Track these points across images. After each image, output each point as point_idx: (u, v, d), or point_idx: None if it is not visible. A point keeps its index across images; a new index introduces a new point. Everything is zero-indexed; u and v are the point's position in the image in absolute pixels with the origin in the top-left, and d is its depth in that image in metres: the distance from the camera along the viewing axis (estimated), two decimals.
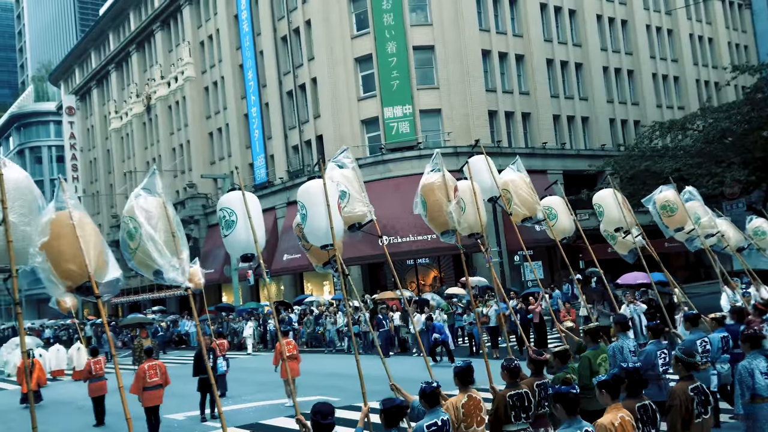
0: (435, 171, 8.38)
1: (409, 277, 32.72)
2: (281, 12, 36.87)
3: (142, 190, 6.71)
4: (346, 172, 8.17)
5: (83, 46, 61.40)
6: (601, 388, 4.84)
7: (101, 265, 5.92)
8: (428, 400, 5.08)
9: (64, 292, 5.85)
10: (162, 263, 6.41)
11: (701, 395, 5.60)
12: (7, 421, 15.23)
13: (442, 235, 8.53)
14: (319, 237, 7.61)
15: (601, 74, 38.13)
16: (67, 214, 5.80)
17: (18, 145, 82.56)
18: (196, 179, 43.24)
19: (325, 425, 4.61)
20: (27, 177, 5.69)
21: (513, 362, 5.95)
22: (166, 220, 6.60)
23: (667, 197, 11.49)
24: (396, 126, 31.74)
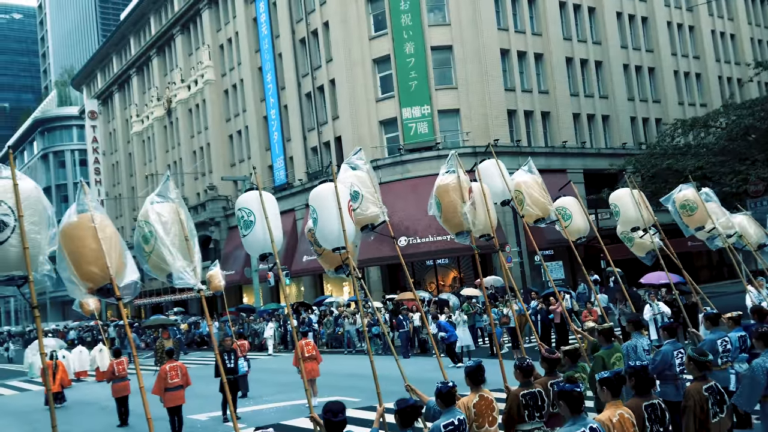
0: (450, 172, 8.39)
1: (429, 277, 32.68)
2: (299, 14, 37.04)
3: (156, 196, 6.84)
4: (360, 174, 8.22)
5: (105, 50, 62.21)
6: (602, 385, 4.84)
7: (120, 267, 6.03)
8: (444, 400, 5.10)
9: (85, 293, 5.95)
10: (175, 267, 6.52)
11: (716, 395, 5.54)
12: (32, 422, 15.48)
13: (456, 236, 8.56)
14: (330, 240, 7.65)
15: (621, 72, 37.76)
16: (88, 216, 5.92)
17: (42, 150, 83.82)
18: (216, 181, 43.58)
19: (337, 423, 4.69)
20: (36, 188, 5.83)
21: (526, 361, 5.95)
22: (179, 225, 6.72)
23: (687, 196, 11.36)
24: (414, 126, 31.72)
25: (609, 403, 4.78)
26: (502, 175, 9.62)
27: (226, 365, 12.90)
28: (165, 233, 6.55)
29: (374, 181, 8.35)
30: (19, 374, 27.19)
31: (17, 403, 19.31)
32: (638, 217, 11.17)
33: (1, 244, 5.37)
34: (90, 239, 5.83)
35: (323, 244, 7.90)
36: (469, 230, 8.35)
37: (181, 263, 6.57)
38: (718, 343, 7.59)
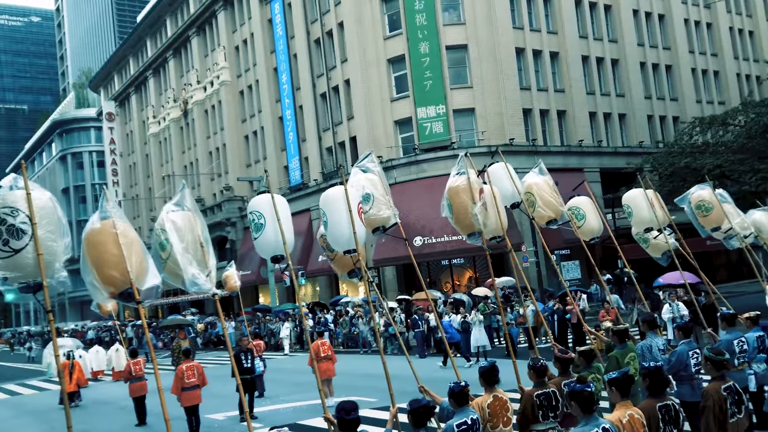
0: (461, 174, 8.42)
1: (444, 277, 32.62)
2: (314, 15, 37.13)
3: (173, 205, 7.03)
4: (371, 176, 8.29)
5: (122, 53, 62.79)
6: (610, 385, 4.83)
7: (142, 272, 6.18)
8: (457, 400, 5.13)
9: (107, 297, 6.13)
10: (190, 273, 6.69)
11: (734, 395, 5.52)
12: (50, 421, 15.65)
13: (468, 237, 8.60)
14: (341, 243, 7.74)
15: (638, 70, 37.45)
16: (110, 223, 6.11)
17: (60, 151, 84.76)
18: (232, 182, 43.82)
19: (350, 421, 4.73)
20: (51, 198, 6.06)
21: (539, 361, 5.95)
22: (194, 232, 6.89)
23: (702, 196, 11.31)
24: (429, 126, 31.67)
25: (619, 403, 4.78)
26: (512, 178, 9.65)
27: (243, 365, 12.97)
28: (180, 241, 6.71)
29: (385, 184, 8.41)
30: (39, 374, 27.53)
31: (36, 402, 19.55)
32: (652, 217, 11.11)
33: (19, 252, 5.62)
34: (111, 245, 6.01)
35: (334, 247, 7.99)
36: (480, 231, 8.38)
37: (195, 270, 6.73)
38: (734, 344, 7.51)
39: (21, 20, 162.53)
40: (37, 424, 15.51)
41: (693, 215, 11.40)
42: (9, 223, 5.62)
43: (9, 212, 5.64)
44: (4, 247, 5.61)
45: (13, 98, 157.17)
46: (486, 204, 8.47)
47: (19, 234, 5.63)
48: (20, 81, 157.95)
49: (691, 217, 11.49)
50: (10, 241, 5.62)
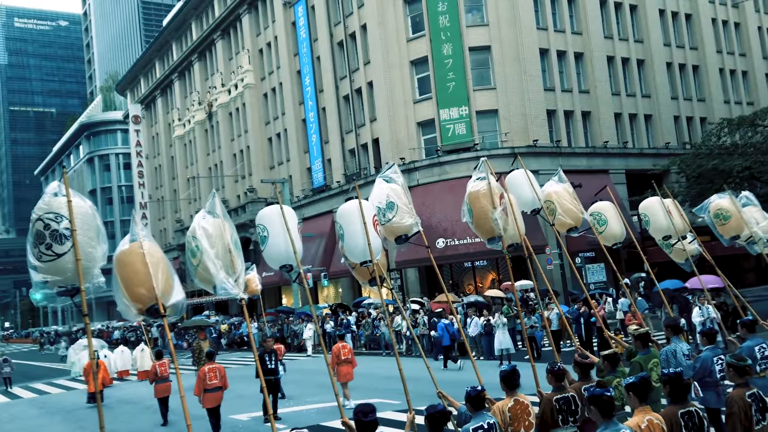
0: (480, 179, 8.55)
1: (467, 279, 32.48)
2: (337, 17, 37.26)
3: (205, 212, 7.35)
4: (394, 186, 8.48)
5: (148, 56, 63.61)
6: (628, 391, 4.82)
7: (167, 288, 6.50)
8: (474, 404, 5.19)
9: (136, 314, 6.45)
10: (219, 278, 6.99)
11: (759, 402, 5.45)
12: (78, 420, 15.89)
13: (488, 241, 8.74)
14: (357, 254, 8.08)
15: (664, 70, 36.95)
16: (138, 244, 6.47)
17: (87, 153, 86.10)
18: (256, 184, 44.12)
19: (367, 423, 4.81)
20: (92, 207, 6.39)
21: (557, 365, 5.94)
22: (224, 239, 7.17)
23: (721, 205, 11.32)
24: (452, 128, 31.57)
25: (637, 409, 4.76)
26: (532, 185, 9.72)
27: (267, 366, 13.04)
28: (210, 247, 7.02)
29: (408, 194, 8.61)
30: (65, 373, 27.96)
31: (64, 401, 19.84)
32: (669, 225, 11.15)
33: (62, 256, 5.92)
34: (139, 264, 6.34)
35: (350, 258, 8.30)
36: (501, 236, 8.49)
37: (224, 275, 7.01)
38: (756, 350, 7.38)
39: (49, 24, 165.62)
40: (66, 423, 15.74)
41: (712, 224, 11.43)
42: (53, 228, 5.91)
43: (53, 218, 5.94)
44: (47, 251, 5.91)
45: (42, 101, 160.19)
46: (506, 209, 8.56)
47: (61, 239, 5.90)
48: (48, 85, 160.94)
49: (711, 225, 11.54)
50: (53, 245, 5.90)
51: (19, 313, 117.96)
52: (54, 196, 6.06)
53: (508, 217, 8.57)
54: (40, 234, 5.94)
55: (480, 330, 19.73)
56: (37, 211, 6.09)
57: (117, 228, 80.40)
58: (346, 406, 13.11)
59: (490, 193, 8.37)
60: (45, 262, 5.93)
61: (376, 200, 8.32)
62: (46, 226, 5.93)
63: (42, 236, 5.93)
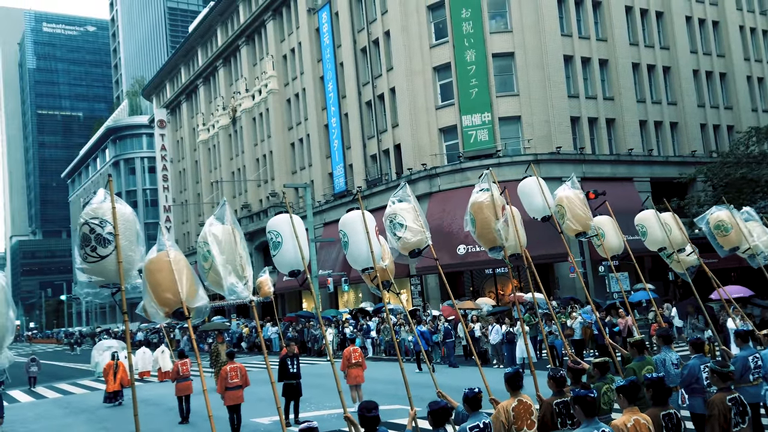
0: (484, 190, 8.90)
1: (488, 286, 32.31)
2: (361, 24, 37.43)
3: (214, 219, 7.78)
4: (405, 205, 8.92)
5: (173, 62, 64.43)
6: (618, 393, 5.24)
7: (192, 293, 6.97)
8: (471, 404, 5.52)
9: (163, 317, 6.95)
10: (229, 282, 7.43)
11: (739, 406, 5.81)
12: (102, 420, 16.10)
13: (490, 251, 9.05)
14: (359, 262, 8.54)
15: (690, 78, 36.51)
16: (165, 253, 6.98)
17: (113, 157, 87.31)
18: (278, 188, 44.39)
19: (370, 418, 5.18)
20: (132, 213, 6.94)
21: (559, 372, 6.27)
22: (233, 244, 7.61)
23: (721, 217, 11.67)
24: (474, 134, 31.50)
25: (626, 409, 5.16)
26: (543, 192, 9.99)
27: (289, 370, 13.14)
28: (220, 252, 7.47)
29: (419, 211, 9.03)
30: (89, 373, 28.33)
31: (87, 401, 20.11)
32: (664, 237, 11.54)
33: (105, 258, 6.45)
34: (166, 271, 6.82)
35: (353, 265, 8.77)
36: (503, 246, 8.82)
37: (234, 279, 7.45)
38: (749, 360, 7.74)
39: (77, 30, 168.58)
40: (89, 423, 15.95)
41: (711, 235, 11.74)
42: (97, 232, 6.44)
43: (98, 223, 6.47)
44: (92, 254, 6.43)
45: (69, 105, 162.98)
46: (508, 220, 8.90)
47: (105, 243, 6.44)
48: (76, 89, 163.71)
49: (710, 237, 11.83)
50: (97, 248, 6.43)
51: (44, 313, 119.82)
52: (101, 203, 6.56)
53: (509, 227, 8.85)
54: (86, 237, 6.43)
55: (501, 338, 19.61)
56: (84, 216, 6.57)
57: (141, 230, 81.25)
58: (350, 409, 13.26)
59: (493, 204, 8.70)
60: (90, 263, 6.42)
61: (388, 220, 8.81)
62: (91, 230, 6.42)
63: (88, 239, 6.42)
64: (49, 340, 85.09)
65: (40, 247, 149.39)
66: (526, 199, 10.21)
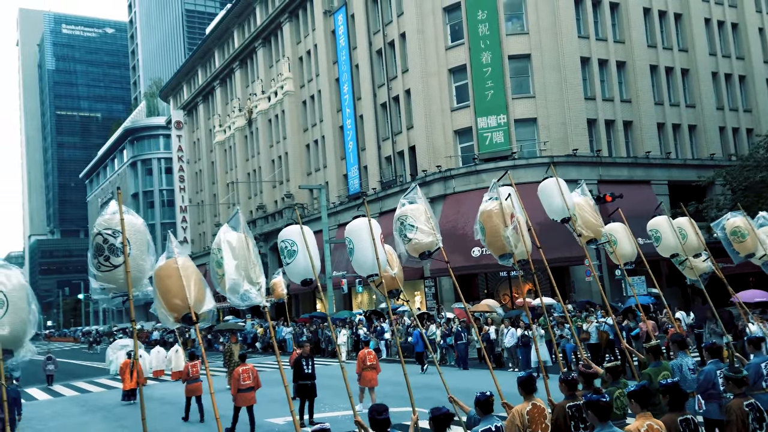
0: (493, 199, 9.06)
1: (503, 288, 32.18)
2: (377, 26, 37.47)
3: (228, 226, 8.04)
4: (416, 206, 9.04)
5: (191, 63, 64.91)
6: (630, 398, 5.28)
7: (200, 299, 7.23)
8: (482, 408, 5.62)
9: (172, 322, 7.19)
10: (243, 288, 7.68)
11: (756, 411, 5.86)
12: (119, 418, 16.23)
13: (500, 258, 9.20)
14: (365, 268, 8.73)
15: (709, 80, 36.15)
16: (173, 260, 7.25)
17: (131, 158, 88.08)
18: (293, 189, 44.56)
19: (381, 421, 5.24)
20: (143, 224, 7.24)
21: (570, 375, 6.32)
22: (246, 251, 7.85)
23: (737, 223, 11.71)
24: (490, 136, 31.40)
25: (639, 414, 5.18)
26: (562, 194, 10.02)
27: (304, 371, 13.19)
28: (233, 259, 7.72)
29: (429, 213, 9.13)
30: (105, 372, 28.58)
31: (104, 399, 20.29)
32: (677, 244, 11.66)
33: (117, 267, 6.75)
34: (175, 278, 7.09)
35: (358, 272, 8.97)
36: (512, 253, 8.98)
37: (247, 285, 7.70)
38: (762, 366, 7.77)
39: (96, 31, 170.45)
40: (106, 420, 16.08)
41: (727, 241, 11.77)
42: (110, 242, 6.76)
43: (111, 233, 6.78)
44: (105, 263, 6.73)
45: (88, 106, 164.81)
46: (517, 228, 9.06)
47: (118, 252, 6.75)
48: (94, 90, 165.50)
49: (725, 243, 11.86)
50: (110, 257, 6.74)
51: (61, 312, 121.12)
52: (113, 214, 6.86)
53: (519, 235, 9.02)
54: (100, 247, 6.74)
55: (516, 341, 19.52)
56: (97, 226, 6.87)
57: (158, 231, 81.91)
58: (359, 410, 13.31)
59: (502, 212, 8.88)
60: (103, 271, 6.73)
61: (398, 221, 8.94)
62: (105, 240, 6.74)
63: (101, 249, 6.73)
64: (66, 338, 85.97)
65: (58, 247, 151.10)
66: (545, 200, 10.20)
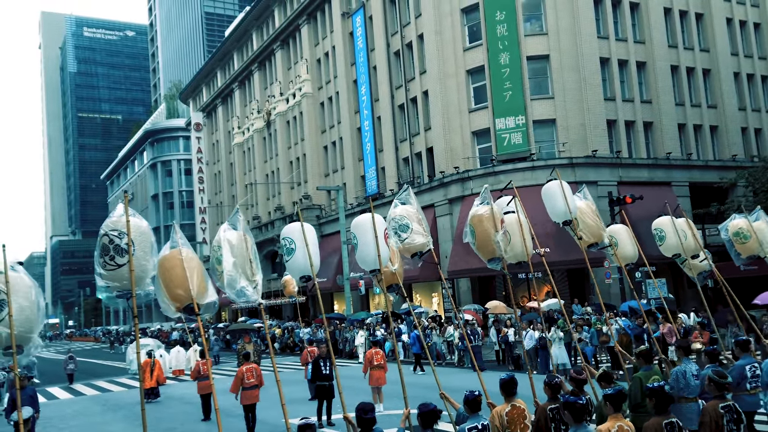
0: (484, 204, 9.27)
1: (521, 291, 32.00)
2: (395, 27, 37.49)
3: (227, 225, 8.28)
4: (409, 208, 9.26)
5: (210, 66, 65.42)
6: (605, 400, 5.48)
7: (202, 290, 7.46)
8: (471, 406, 5.80)
9: (174, 311, 7.47)
10: (239, 285, 7.94)
11: (732, 413, 6.03)
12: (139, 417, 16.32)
13: (489, 261, 9.38)
14: (368, 262, 8.89)
15: (731, 80, 35.69)
16: (178, 251, 7.49)
17: (151, 159, 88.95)
18: (311, 191, 44.72)
19: (367, 419, 5.43)
20: (147, 226, 7.48)
21: (554, 379, 6.48)
22: (244, 250, 8.11)
23: (740, 225, 11.95)
24: (508, 137, 31.27)
25: (611, 416, 5.39)
26: (565, 197, 10.19)
27: (322, 371, 13.24)
28: (232, 257, 7.97)
29: (421, 214, 9.37)
30: (125, 371, 28.88)
31: (125, 398, 20.49)
32: (678, 244, 11.88)
33: (122, 267, 7.03)
34: (178, 268, 7.34)
35: (362, 266, 9.13)
36: (501, 257, 9.20)
37: (244, 282, 7.95)
38: (746, 369, 8.00)
39: (117, 34, 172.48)
40: (127, 420, 16.24)
41: (730, 243, 12.02)
42: (116, 243, 7.05)
43: (117, 235, 7.07)
44: (110, 262, 7.04)
45: (109, 109, 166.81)
46: (507, 233, 9.31)
47: (123, 253, 7.05)
48: (115, 92, 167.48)
49: (728, 245, 12.12)
50: (115, 257, 7.04)
51: (82, 312, 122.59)
52: (120, 216, 7.16)
53: (509, 239, 9.28)
54: (106, 247, 7.05)
55: (535, 343, 19.41)
56: (104, 227, 7.17)
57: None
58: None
59: (493, 216, 9.09)
60: (108, 270, 7.04)
61: (392, 221, 9.15)
62: (110, 240, 7.04)
63: (107, 249, 7.04)
64: (86, 338, 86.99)
65: (79, 247, 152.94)
66: (549, 203, 10.38)
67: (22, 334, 6.69)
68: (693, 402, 7.49)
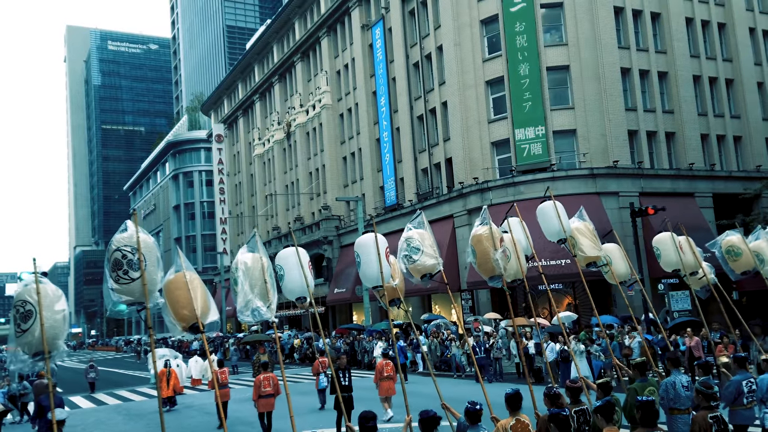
0: (484, 224, 9.67)
1: (542, 302, 31.74)
2: (414, 39, 37.63)
3: (246, 248, 8.87)
4: (420, 231, 9.68)
5: (231, 78, 66.14)
6: (596, 413, 5.61)
7: (206, 310, 7.89)
8: (471, 418, 6.03)
9: (180, 330, 7.87)
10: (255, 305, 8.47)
11: (720, 424, 6.17)
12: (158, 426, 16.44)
13: (489, 279, 9.71)
14: (370, 279, 9.36)
15: (755, 90, 35.24)
16: (182, 274, 7.97)
17: (173, 170, 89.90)
18: (330, 201, 44.88)
19: (369, 428, 5.61)
20: (154, 241, 7.91)
21: (553, 389, 6.64)
22: (261, 271, 8.64)
23: (732, 242, 12.26)
24: (527, 148, 31.14)
25: (605, 428, 5.50)
26: (559, 216, 10.53)
27: (341, 383, 13.25)
28: (247, 278, 8.50)
29: (432, 238, 9.76)
30: (146, 381, 29.09)
31: (146, 407, 20.62)
32: (677, 260, 12.20)
33: (135, 281, 7.41)
34: (183, 290, 7.79)
35: (364, 282, 9.59)
36: (501, 275, 9.53)
37: (259, 302, 8.45)
38: (743, 384, 8.09)
39: (140, 48, 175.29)
40: (148, 428, 16.36)
41: (723, 260, 12.38)
42: (129, 258, 7.42)
43: (129, 250, 7.45)
44: (124, 276, 7.38)
45: (132, 121, 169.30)
46: (507, 251, 9.66)
47: (135, 267, 7.42)
48: (138, 105, 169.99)
49: (722, 261, 12.46)
50: (129, 271, 7.40)
51: (105, 321, 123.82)
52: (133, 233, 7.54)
53: (507, 258, 9.63)
54: (119, 262, 7.39)
55: (556, 356, 19.22)
56: (116, 243, 7.55)
57: (198, 242, 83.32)
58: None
59: (492, 236, 9.47)
60: (121, 284, 7.37)
61: (406, 243, 9.56)
62: (123, 255, 7.40)
63: (120, 264, 7.38)
64: (108, 347, 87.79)
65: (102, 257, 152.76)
66: (543, 222, 10.75)
67: (49, 340, 7.03)
68: (685, 414, 7.54)
